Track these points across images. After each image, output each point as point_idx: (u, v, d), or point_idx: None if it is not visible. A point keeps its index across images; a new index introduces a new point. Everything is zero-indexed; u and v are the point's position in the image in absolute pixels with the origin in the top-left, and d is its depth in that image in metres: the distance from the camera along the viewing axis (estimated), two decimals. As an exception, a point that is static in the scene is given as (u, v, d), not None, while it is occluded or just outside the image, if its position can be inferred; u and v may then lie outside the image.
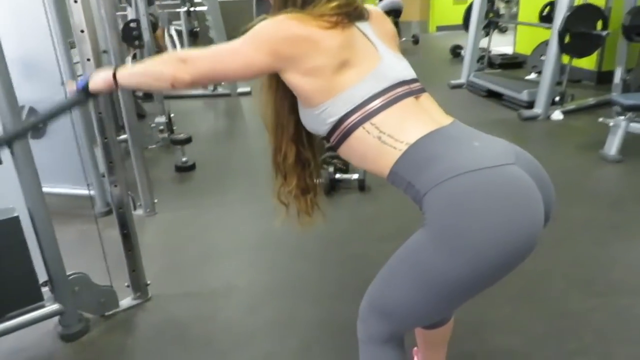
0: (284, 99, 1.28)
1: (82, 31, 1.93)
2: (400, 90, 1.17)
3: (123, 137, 3.08)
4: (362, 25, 1.21)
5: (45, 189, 3.01)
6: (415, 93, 1.20)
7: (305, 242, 2.68)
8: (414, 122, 1.15)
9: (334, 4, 1.16)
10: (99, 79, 1.34)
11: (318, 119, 1.20)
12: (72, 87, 1.40)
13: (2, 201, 1.86)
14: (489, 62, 6.52)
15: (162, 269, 2.53)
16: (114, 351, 2.01)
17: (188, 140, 3.81)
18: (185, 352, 1.97)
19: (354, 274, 2.36)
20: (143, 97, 5.48)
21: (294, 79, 1.16)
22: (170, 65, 1.20)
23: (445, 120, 1.20)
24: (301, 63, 1.13)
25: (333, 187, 3.25)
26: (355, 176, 3.26)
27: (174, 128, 4.31)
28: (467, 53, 5.95)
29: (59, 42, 2.73)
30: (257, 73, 1.19)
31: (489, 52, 6.50)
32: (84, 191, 2.62)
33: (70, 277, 2.05)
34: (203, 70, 1.20)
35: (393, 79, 1.18)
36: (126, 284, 2.26)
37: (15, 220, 1.85)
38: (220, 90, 5.83)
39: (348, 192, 3.30)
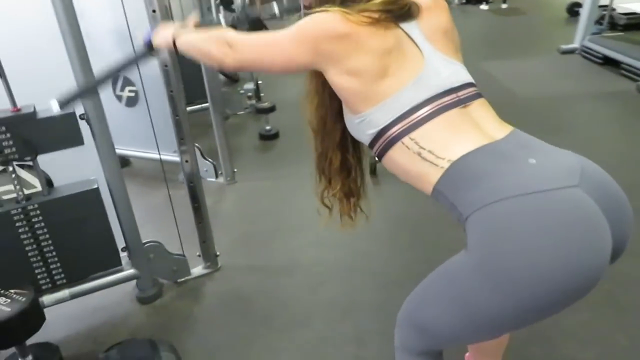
0: (331, 104, 1.23)
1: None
2: (444, 100, 1.06)
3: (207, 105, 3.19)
4: (408, 25, 1.10)
5: (139, 154, 3.25)
6: (464, 102, 1.07)
7: (376, 221, 2.61)
8: (458, 136, 1.03)
9: (378, 0, 1.07)
10: (162, 37, 1.37)
11: (359, 128, 1.14)
12: (140, 38, 1.47)
13: (84, 173, 2.01)
14: (610, 22, 5.75)
15: (234, 240, 2.63)
16: (183, 317, 2.15)
17: (272, 109, 3.84)
18: (244, 326, 2.05)
19: (423, 261, 2.26)
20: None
21: (336, 79, 1.09)
22: (218, 46, 1.18)
23: (498, 132, 1.06)
24: (343, 62, 1.06)
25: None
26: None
27: (261, 95, 4.37)
28: (583, 11, 5.30)
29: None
30: (299, 69, 1.15)
31: (612, 10, 5.74)
32: (174, 157, 2.77)
33: (146, 246, 2.19)
34: (247, 58, 1.17)
35: (437, 88, 1.06)
36: (197, 254, 2.37)
37: (96, 191, 1.99)
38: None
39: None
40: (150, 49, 1.44)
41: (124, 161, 3.47)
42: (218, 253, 2.41)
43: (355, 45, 1.04)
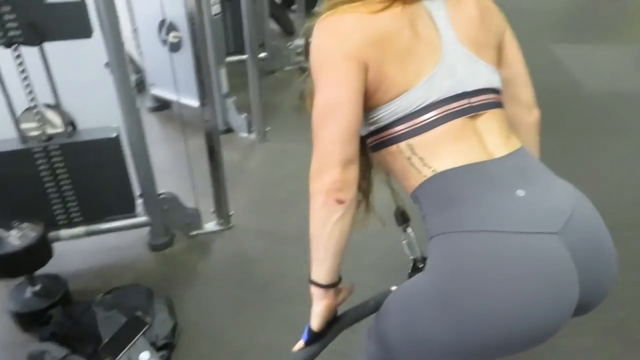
0: None
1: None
2: (453, 106, 0.93)
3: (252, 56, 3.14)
4: (433, 4, 0.95)
5: (179, 99, 3.28)
6: (476, 110, 0.95)
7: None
8: (452, 147, 0.93)
9: None
10: (315, 317, 1.01)
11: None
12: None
13: (106, 121, 2.06)
14: None
15: (252, 201, 2.65)
16: (187, 269, 2.22)
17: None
18: (242, 289, 2.10)
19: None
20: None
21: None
22: (326, 204, 0.91)
23: (500, 149, 0.95)
24: (375, 72, 0.92)
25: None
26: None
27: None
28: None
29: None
30: (361, 93, 0.93)
31: None
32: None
33: (161, 197, 2.25)
34: (327, 150, 0.91)
35: (448, 90, 0.93)
36: (212, 210, 2.41)
37: (116, 140, 2.05)
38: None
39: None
40: (316, 336, 1.03)
41: (164, 104, 3.54)
42: (232, 212, 2.44)
43: (381, 45, 0.91)
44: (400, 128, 0.95)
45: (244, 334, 1.89)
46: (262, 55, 4.06)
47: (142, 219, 2.25)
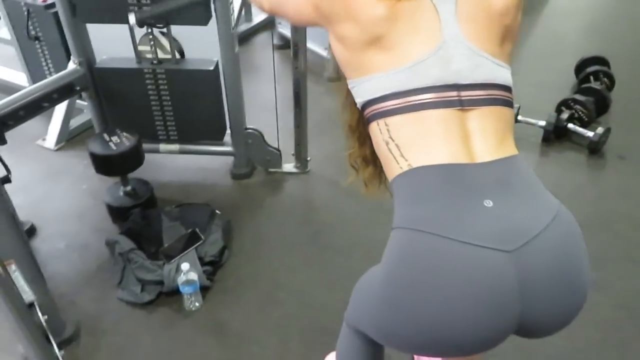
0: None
1: None
2: (440, 95, 0.90)
3: None
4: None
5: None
6: (466, 104, 0.91)
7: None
8: (433, 141, 0.91)
9: None
10: None
11: (353, 93, 1.07)
12: None
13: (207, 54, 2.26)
14: None
15: (335, 150, 2.73)
16: (257, 201, 2.42)
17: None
18: (297, 230, 2.24)
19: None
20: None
21: (331, 41, 1.03)
22: None
23: (486, 153, 0.90)
24: (333, 25, 0.98)
25: (558, 135, 2.73)
26: (591, 134, 2.64)
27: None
28: None
29: None
30: (309, 24, 1.09)
31: None
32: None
33: (247, 131, 2.44)
34: (274, 5, 1.16)
35: (436, 79, 0.90)
36: (292, 153, 2.56)
37: (214, 71, 2.25)
38: None
39: (574, 149, 2.74)
40: None
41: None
42: (309, 158, 2.56)
43: (346, 9, 0.93)
44: (376, 106, 0.95)
45: (283, 272, 2.04)
46: None
47: (228, 148, 2.47)
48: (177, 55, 2.26)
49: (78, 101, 2.79)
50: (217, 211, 2.21)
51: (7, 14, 2.79)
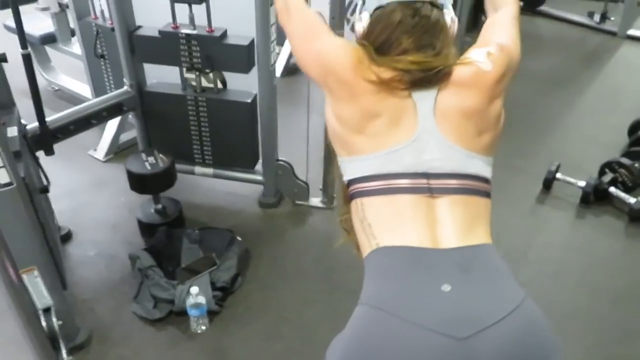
0: None
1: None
2: (409, 182, 0.96)
3: None
4: (423, 94, 0.99)
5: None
6: (434, 192, 0.95)
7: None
8: (401, 224, 0.95)
9: (409, 58, 0.98)
10: None
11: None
12: None
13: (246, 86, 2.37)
14: None
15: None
16: (280, 231, 2.48)
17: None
18: (312, 265, 2.27)
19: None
20: None
21: (328, 114, 1.07)
22: (280, 6, 1.14)
23: (451, 240, 0.93)
24: (336, 103, 1.04)
25: (598, 198, 2.62)
26: (633, 201, 2.52)
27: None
28: None
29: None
30: (309, 76, 1.13)
31: None
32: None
33: (277, 162, 2.52)
34: (289, 31, 1.14)
35: (408, 167, 0.96)
36: (320, 187, 2.61)
37: (252, 104, 2.36)
38: (606, 24, 4.82)
39: (614, 214, 2.61)
40: None
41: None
42: (336, 195, 2.60)
43: (350, 95, 1.00)
44: (357, 186, 1.01)
45: (292, 305, 2.08)
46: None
47: (259, 177, 2.56)
48: (220, 85, 2.38)
49: (130, 116, 2.98)
50: (238, 237, 2.29)
51: (80, 33, 3.05)
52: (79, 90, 3.41)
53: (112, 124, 2.93)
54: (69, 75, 3.56)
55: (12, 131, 1.71)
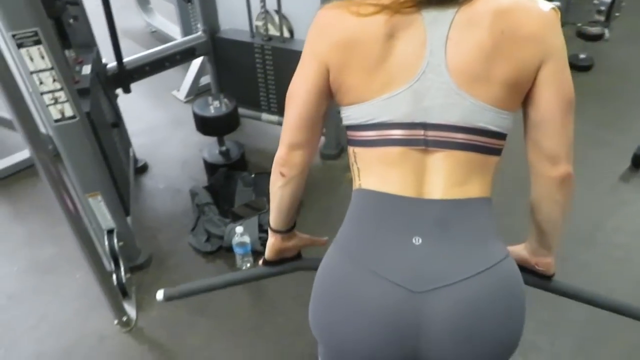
0: None
1: None
2: (406, 133, 0.88)
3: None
4: (435, 16, 0.84)
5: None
6: (430, 145, 0.88)
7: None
8: (386, 170, 0.91)
9: None
10: (266, 249, 1.16)
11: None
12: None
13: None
14: None
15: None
16: (334, 184, 2.52)
17: (599, 36, 3.19)
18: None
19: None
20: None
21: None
22: (274, 171, 1.03)
23: (436, 192, 0.88)
24: (335, 75, 0.93)
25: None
26: None
27: (617, 15, 3.56)
28: None
29: None
30: (319, 90, 0.96)
31: None
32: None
33: (339, 115, 2.52)
34: (283, 129, 0.99)
35: (404, 116, 0.88)
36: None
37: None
38: None
39: None
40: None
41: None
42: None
43: (351, 52, 0.89)
44: (351, 133, 0.97)
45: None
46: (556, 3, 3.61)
47: (320, 128, 2.59)
48: (287, 34, 2.40)
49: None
50: (292, 185, 2.36)
51: (172, -22, 3.21)
52: (172, 33, 3.62)
53: (194, 68, 3.10)
54: (166, 17, 3.78)
55: (86, 69, 1.89)
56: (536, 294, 1.86)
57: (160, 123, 2.96)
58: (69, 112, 1.59)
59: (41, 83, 1.52)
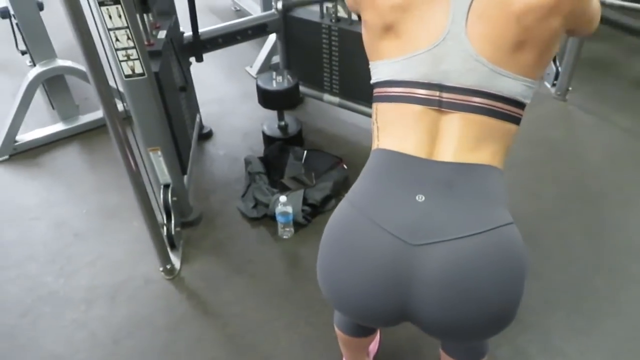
0: None
1: None
2: (419, 92, 0.93)
3: None
4: None
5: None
6: (444, 106, 0.92)
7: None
8: (403, 131, 0.95)
9: None
10: None
11: None
12: None
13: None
14: None
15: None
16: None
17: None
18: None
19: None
20: None
21: (362, 26, 1.07)
22: None
23: (446, 155, 0.91)
24: (361, 11, 1.04)
25: None
26: None
27: None
28: None
29: None
30: (353, 9, 1.11)
31: None
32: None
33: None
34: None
35: (422, 76, 0.93)
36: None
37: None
38: None
39: None
40: None
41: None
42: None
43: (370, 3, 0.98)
44: (378, 90, 1.02)
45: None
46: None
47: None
48: (355, 17, 2.44)
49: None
50: (344, 166, 2.42)
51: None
52: (253, 11, 3.76)
53: (267, 46, 3.22)
54: (250, -3, 3.94)
55: (161, 34, 2.04)
56: (574, 301, 1.81)
57: (230, 95, 3.12)
58: (139, 69, 1.74)
59: (117, 40, 1.67)
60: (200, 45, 2.42)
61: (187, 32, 2.40)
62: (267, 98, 2.46)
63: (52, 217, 2.34)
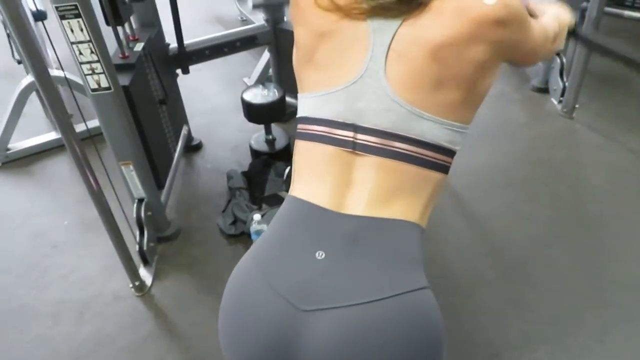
0: None
1: None
2: (336, 132, 0.85)
3: None
4: (381, 25, 0.82)
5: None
6: (359, 149, 0.83)
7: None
8: (314, 177, 0.87)
9: None
10: None
11: None
12: None
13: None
14: None
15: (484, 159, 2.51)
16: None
17: None
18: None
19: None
20: None
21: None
22: None
23: (357, 207, 0.82)
24: (295, 27, 0.95)
25: None
26: None
27: None
28: None
29: None
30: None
31: None
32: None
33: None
34: None
35: (337, 115, 0.85)
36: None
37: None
38: None
39: None
40: None
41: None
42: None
43: (302, 15, 0.90)
44: (299, 126, 0.94)
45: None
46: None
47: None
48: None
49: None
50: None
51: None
52: (258, 22, 3.74)
53: (265, 57, 3.17)
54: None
55: (138, 47, 2.01)
56: (559, 336, 1.68)
57: (223, 106, 3.08)
58: (104, 83, 1.71)
59: (80, 53, 1.65)
60: (186, 57, 2.39)
61: (173, 43, 2.37)
62: (252, 112, 2.40)
63: (33, 227, 2.33)
